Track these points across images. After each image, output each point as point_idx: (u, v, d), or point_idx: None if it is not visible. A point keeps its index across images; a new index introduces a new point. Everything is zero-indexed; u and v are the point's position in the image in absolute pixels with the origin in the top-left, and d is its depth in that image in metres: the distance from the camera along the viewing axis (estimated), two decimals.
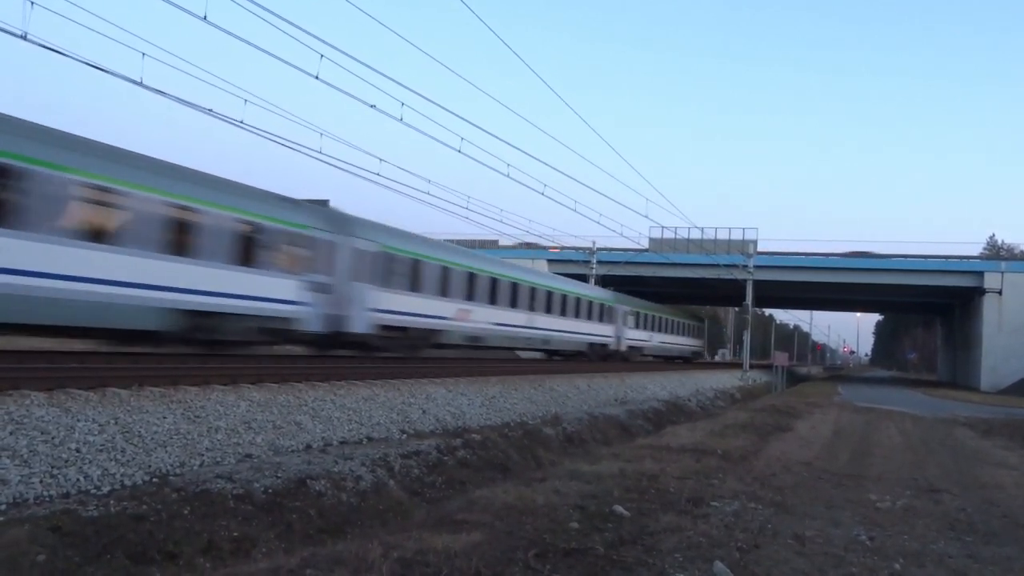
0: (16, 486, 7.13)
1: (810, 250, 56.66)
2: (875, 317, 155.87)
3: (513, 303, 27.71)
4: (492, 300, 26.05)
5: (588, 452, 14.01)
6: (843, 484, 9.76)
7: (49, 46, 12.23)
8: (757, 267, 48.82)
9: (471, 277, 24.50)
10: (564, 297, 32.24)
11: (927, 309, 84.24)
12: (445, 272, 23.00)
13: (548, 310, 30.55)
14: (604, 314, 36.53)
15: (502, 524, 6.34)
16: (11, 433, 7.87)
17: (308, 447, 10.77)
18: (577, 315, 33.26)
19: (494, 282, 26.21)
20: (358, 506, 8.88)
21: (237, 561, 6.61)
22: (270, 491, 8.23)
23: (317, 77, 14.76)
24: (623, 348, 38.88)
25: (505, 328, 27.03)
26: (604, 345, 36.55)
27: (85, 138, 13.50)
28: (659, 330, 45.80)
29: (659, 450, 11.75)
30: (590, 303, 34.91)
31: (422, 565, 4.98)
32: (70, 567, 5.93)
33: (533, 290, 29.43)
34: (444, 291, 22.89)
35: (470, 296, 24.45)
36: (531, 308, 29.09)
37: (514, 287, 27.81)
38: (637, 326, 41.38)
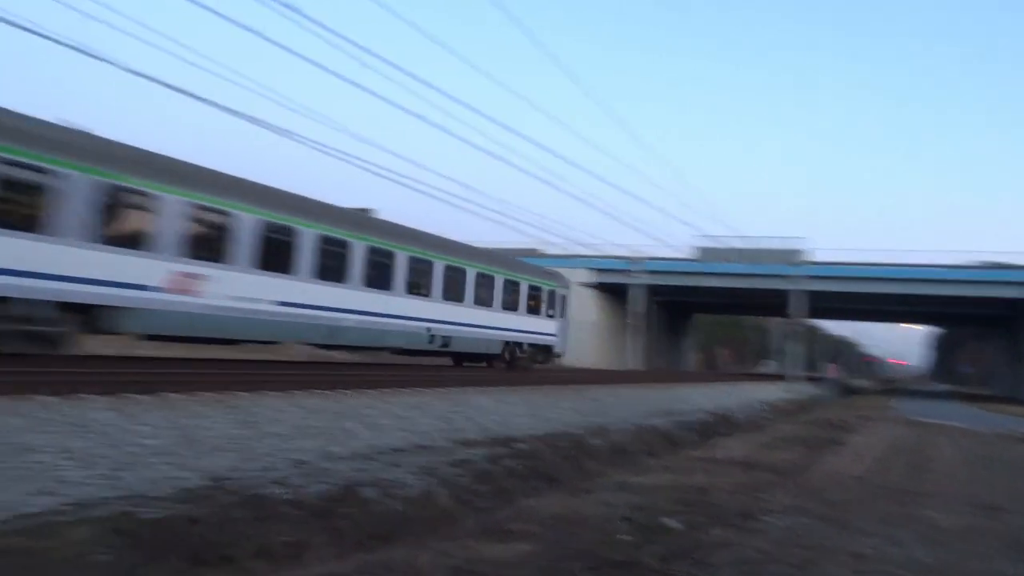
0: (78, 487, 7.33)
1: (859, 260, 55.54)
2: (930, 329, 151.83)
3: None
4: None
5: (635, 463, 13.88)
6: (899, 500, 9.51)
7: (91, 53, 12.61)
8: (806, 277, 48.01)
9: None
10: None
11: (986, 321, 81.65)
12: None
13: None
14: None
15: (551, 534, 6.33)
16: (72, 436, 8.12)
17: (357, 454, 10.86)
18: None
19: None
20: (407, 513, 8.91)
21: (291, 565, 6.70)
22: (321, 497, 8.32)
23: (356, 84, 14.96)
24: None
25: None
26: None
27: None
28: (352, 281, 20.11)
29: (707, 462, 11.61)
30: None
31: (473, 574, 4.99)
32: (132, 567, 6.07)
33: None
34: None
35: None
36: None
37: None
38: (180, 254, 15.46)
